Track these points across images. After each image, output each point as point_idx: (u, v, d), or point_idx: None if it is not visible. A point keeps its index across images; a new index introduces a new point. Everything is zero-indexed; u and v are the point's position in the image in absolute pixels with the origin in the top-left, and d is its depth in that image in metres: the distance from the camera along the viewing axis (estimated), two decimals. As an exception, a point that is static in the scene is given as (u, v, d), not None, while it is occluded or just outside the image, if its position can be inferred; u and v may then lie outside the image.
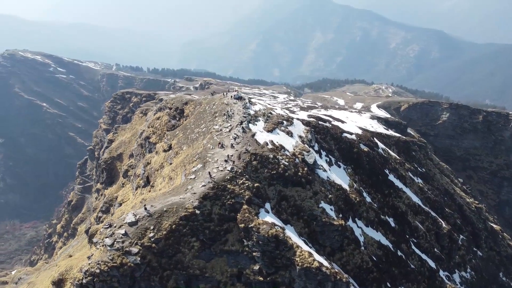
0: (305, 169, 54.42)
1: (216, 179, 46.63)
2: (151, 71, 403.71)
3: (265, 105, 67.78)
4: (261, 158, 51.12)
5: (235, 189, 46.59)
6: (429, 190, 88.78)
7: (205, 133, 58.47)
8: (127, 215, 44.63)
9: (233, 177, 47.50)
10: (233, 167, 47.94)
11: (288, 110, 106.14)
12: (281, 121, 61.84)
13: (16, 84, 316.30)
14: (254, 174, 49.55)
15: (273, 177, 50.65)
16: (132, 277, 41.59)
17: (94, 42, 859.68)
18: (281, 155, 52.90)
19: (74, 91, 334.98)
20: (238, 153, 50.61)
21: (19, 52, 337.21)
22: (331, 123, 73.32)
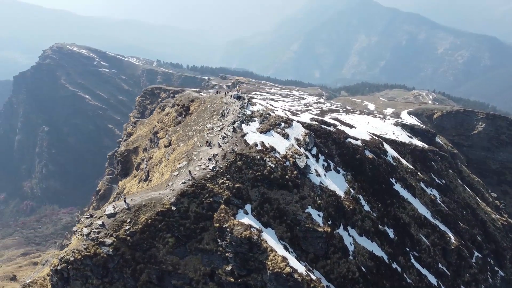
0: (295, 172, 53.62)
1: (196, 177, 46.97)
2: (190, 68, 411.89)
3: (266, 105, 67.33)
4: (246, 158, 50.92)
5: (214, 188, 46.73)
6: (444, 203, 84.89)
7: (200, 131, 59.02)
8: (107, 207, 45.87)
9: (214, 176, 47.64)
10: (215, 166, 48.08)
11: (302, 112, 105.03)
12: (278, 122, 61.24)
13: (62, 76, 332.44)
14: (237, 175, 49.43)
15: (257, 179, 50.29)
16: (105, 267, 42.69)
17: (141, 38, 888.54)
18: (269, 157, 52.41)
19: (115, 85, 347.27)
20: (224, 152, 50.67)
21: (67, 45, 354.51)
22: (336, 128, 71.67)
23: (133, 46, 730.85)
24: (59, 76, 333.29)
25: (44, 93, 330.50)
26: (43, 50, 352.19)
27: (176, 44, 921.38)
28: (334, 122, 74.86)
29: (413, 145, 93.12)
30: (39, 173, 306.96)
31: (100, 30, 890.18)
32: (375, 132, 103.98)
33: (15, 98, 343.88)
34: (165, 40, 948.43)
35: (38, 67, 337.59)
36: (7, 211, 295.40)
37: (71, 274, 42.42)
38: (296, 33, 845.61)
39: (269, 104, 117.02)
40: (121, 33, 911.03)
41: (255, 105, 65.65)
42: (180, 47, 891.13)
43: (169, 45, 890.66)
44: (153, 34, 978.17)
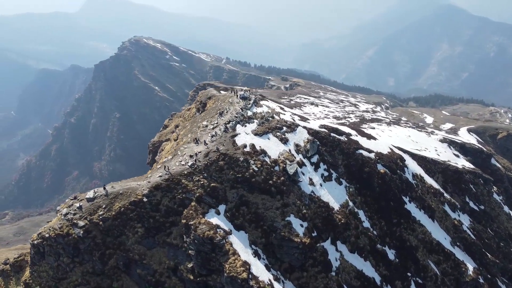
0: (282, 178, 52.45)
1: (173, 172, 47.84)
2: (257, 68, 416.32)
3: (274, 108, 66.29)
4: (229, 159, 50.79)
5: (188, 185, 47.31)
6: (473, 230, 77.84)
7: (198, 127, 59.87)
8: (89, 191, 48.40)
9: (191, 173, 48.20)
10: (194, 164, 48.60)
11: (339, 119, 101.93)
12: (280, 126, 60.17)
13: (136, 67, 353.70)
14: (217, 174, 49.49)
15: (238, 180, 49.95)
16: (76, 247, 45.15)
17: (217, 35, 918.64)
18: (255, 159, 51.78)
19: (183, 79, 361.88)
20: (208, 151, 50.99)
21: (144, 39, 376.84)
22: (348, 137, 68.48)
23: (208, 43, 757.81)
24: (133, 67, 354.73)
25: (119, 82, 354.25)
26: (122, 42, 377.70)
27: (250, 44, 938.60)
28: (350, 132, 71.67)
29: (447, 164, 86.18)
30: (108, 155, 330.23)
31: (179, 26, 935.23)
32: (411, 146, 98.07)
33: (94, 85, 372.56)
34: (239, 39, 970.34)
35: (116, 58, 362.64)
36: (77, 188, 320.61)
37: (46, 249, 45.45)
38: (373, 38, 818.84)
39: (300, 109, 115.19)
40: (198, 29, 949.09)
41: (261, 106, 65.01)
42: (253, 47, 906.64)
43: (242, 44, 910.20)
44: (228, 33, 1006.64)
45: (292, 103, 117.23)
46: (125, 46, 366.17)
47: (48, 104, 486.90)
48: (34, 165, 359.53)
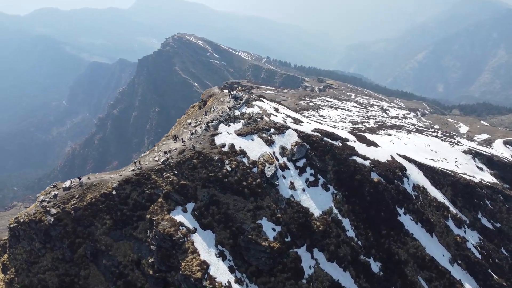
0: (258, 180, 51.85)
1: (144, 167, 48.58)
2: (297, 68, 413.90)
3: (266, 109, 65.46)
4: (204, 158, 50.86)
5: (158, 181, 47.90)
6: (482, 249, 73.31)
7: (183, 125, 60.37)
8: (67, 181, 50.21)
9: (162, 169, 48.74)
10: (166, 160, 49.08)
11: (356, 123, 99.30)
12: (267, 128, 59.39)
13: (177, 63, 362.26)
14: (189, 172, 49.72)
15: (210, 180, 49.91)
16: (47, 234, 47.06)
17: (262, 34, 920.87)
18: (230, 160, 51.51)
19: (222, 76, 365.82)
20: (183, 148, 51.32)
21: (186, 35, 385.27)
22: (344, 143, 66.27)
23: (254, 41, 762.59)
24: (174, 63, 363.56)
25: (161, 77, 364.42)
26: (166, 38, 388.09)
27: (295, 44, 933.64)
28: (347, 137, 69.36)
29: (458, 177, 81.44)
30: (146, 148, 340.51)
31: (228, 24, 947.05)
32: (427, 156, 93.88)
33: (137, 79, 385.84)
34: (286, 38, 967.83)
35: (159, 53, 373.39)
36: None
37: (21, 233, 47.70)
38: (423, 42, 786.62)
39: (316, 111, 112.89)
40: (246, 28, 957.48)
41: (252, 107, 64.38)
42: (298, 47, 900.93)
43: (288, 43, 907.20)
44: (275, 32, 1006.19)
45: (310, 105, 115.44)
46: (168, 42, 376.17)
47: (96, 95, 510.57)
48: (78, 153, 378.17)
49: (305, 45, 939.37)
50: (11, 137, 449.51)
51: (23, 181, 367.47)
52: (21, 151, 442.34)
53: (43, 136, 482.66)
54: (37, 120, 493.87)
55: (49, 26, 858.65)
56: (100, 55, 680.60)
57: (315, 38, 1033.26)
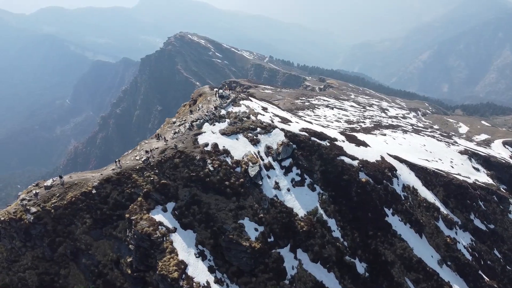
0: (241, 180, 51.52)
1: (125, 166, 48.41)
2: (300, 67, 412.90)
3: (253, 108, 65.07)
4: (186, 157, 50.61)
5: (138, 180, 47.72)
6: (473, 250, 72.64)
7: (171, 124, 60.16)
8: (49, 180, 50.14)
9: (142, 168, 48.55)
10: (147, 159, 48.88)
11: (351, 123, 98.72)
12: (253, 127, 59.01)
13: (180, 62, 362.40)
14: (170, 171, 49.48)
15: (191, 179, 49.65)
16: (27, 233, 46.96)
17: (268, 34, 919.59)
18: (213, 159, 51.20)
19: (224, 75, 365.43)
20: (165, 147, 51.11)
21: (188, 35, 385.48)
22: (332, 143, 65.71)
23: (258, 41, 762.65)
24: (177, 62, 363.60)
25: (163, 75, 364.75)
26: (168, 37, 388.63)
27: (300, 43, 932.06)
28: (336, 137, 68.83)
29: (451, 177, 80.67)
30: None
31: (231, 23, 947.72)
32: (421, 156, 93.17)
33: (139, 78, 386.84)
34: (289, 37, 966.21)
35: (161, 52, 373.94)
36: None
37: (1, 232, 47.63)
38: (429, 41, 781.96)
39: (312, 111, 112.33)
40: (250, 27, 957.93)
41: (239, 106, 63.99)
42: (302, 46, 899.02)
43: (291, 42, 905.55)
44: (277, 31, 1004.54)
45: (306, 105, 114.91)
46: (170, 41, 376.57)
47: (100, 94, 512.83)
48: (80, 152, 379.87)
49: (309, 44, 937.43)
50: (15, 135, 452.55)
51: (26, 179, 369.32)
52: (25, 149, 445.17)
53: (47, 134, 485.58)
54: (41, 118, 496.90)
55: (54, 25, 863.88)
56: (104, 54, 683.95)
57: (319, 37, 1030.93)
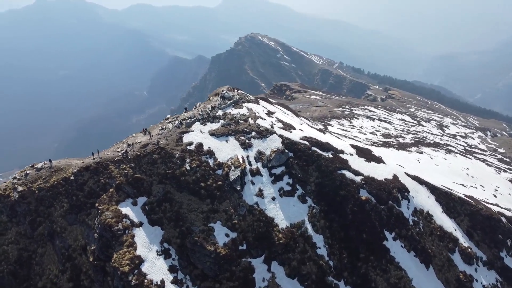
0: (219, 183, 50.52)
1: (104, 157, 49.71)
2: (370, 76, 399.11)
3: (255, 111, 63.28)
4: (165, 154, 50.72)
5: (114, 171, 48.72)
6: (495, 292, 64.67)
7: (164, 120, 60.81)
8: (40, 162, 53.17)
9: (120, 161, 49.50)
10: (126, 152, 49.74)
11: (392, 137, 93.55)
12: (248, 131, 57.53)
13: (248, 62, 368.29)
14: (148, 166, 49.88)
15: (167, 176, 49.62)
16: (13, 209, 50.34)
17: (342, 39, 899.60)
18: (192, 159, 50.75)
19: (290, 79, 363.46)
20: (148, 142, 51.66)
21: (259, 36, 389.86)
22: (335, 155, 61.76)
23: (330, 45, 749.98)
24: (245, 62, 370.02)
25: (230, 74, 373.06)
26: (239, 37, 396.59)
27: (375, 50, 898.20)
28: (344, 149, 64.59)
29: (480, 207, 72.22)
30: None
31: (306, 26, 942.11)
32: (456, 180, 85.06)
33: (208, 75, 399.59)
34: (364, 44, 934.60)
35: (231, 52, 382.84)
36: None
37: (-8, 205, 51.40)
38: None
39: (348, 120, 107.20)
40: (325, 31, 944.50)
41: (240, 108, 62.55)
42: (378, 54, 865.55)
43: (366, 49, 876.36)
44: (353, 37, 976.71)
45: (345, 114, 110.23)
46: (240, 41, 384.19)
47: (173, 88, 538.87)
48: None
49: (386, 53, 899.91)
50: (95, 122, 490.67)
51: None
52: (102, 136, 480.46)
53: (123, 122, 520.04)
54: (119, 107, 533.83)
55: (141, 20, 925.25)
56: (182, 51, 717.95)
57: (398, 45, 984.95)
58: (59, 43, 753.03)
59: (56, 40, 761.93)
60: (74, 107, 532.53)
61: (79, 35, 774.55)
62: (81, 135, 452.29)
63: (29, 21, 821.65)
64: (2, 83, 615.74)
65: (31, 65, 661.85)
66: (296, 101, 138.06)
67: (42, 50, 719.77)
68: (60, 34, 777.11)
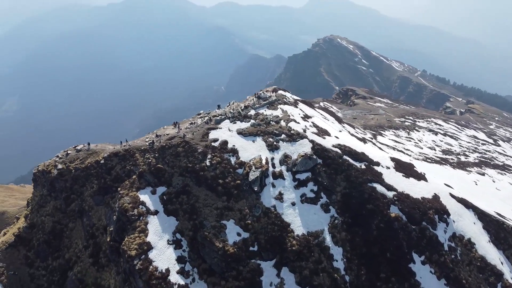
0: (237, 181, 50.84)
1: (132, 145, 52.46)
2: (456, 87, 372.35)
3: (290, 113, 62.16)
4: (189, 147, 52.11)
5: (139, 159, 51.24)
6: None
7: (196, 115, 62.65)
8: (82, 144, 57.65)
9: (146, 150, 51.91)
10: (153, 142, 51.99)
11: (451, 154, 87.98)
12: (277, 133, 56.90)
13: (323, 64, 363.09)
14: (171, 158, 51.66)
15: (188, 170, 50.96)
16: (52, 185, 55.34)
17: (431, 46, 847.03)
18: (214, 155, 51.55)
19: (366, 84, 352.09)
20: (175, 135, 53.47)
21: (338, 38, 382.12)
22: (369, 166, 58.60)
23: (415, 52, 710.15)
24: (320, 64, 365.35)
25: (305, 75, 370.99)
26: (317, 39, 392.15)
27: (467, 60, 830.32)
28: (380, 161, 60.95)
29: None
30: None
31: (392, 31, 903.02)
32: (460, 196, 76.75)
33: (283, 75, 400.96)
34: (456, 53, 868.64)
35: (308, 53, 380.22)
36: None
37: (37, 179, 56.92)
38: None
39: (407, 131, 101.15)
40: (412, 37, 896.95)
41: (275, 109, 61.76)
42: (470, 63, 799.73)
43: (456, 58, 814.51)
44: (444, 44, 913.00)
45: (405, 125, 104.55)
46: (318, 43, 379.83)
47: (249, 85, 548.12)
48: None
49: (478, 62, 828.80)
50: (173, 113, 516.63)
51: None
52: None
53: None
54: (197, 101, 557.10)
55: (226, 18, 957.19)
56: (262, 49, 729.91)
57: (493, 55, 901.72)
58: (147, 35, 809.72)
59: (145, 33, 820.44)
60: (154, 97, 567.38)
61: (167, 29, 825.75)
62: (158, 124, 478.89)
63: (124, 15, 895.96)
64: (98, 70, 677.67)
65: (122, 54, 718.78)
66: (356, 107, 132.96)
67: (132, 41, 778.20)
68: (149, 28, 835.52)
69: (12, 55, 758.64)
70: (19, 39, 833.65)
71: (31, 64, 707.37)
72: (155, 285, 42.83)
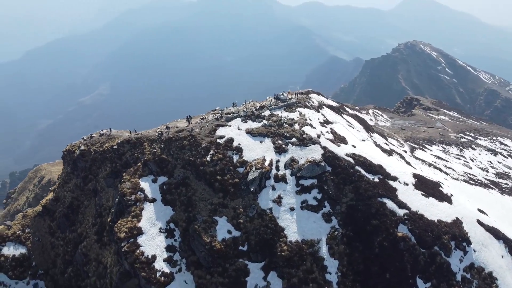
0: (236, 180, 51.13)
1: (144, 134, 55.04)
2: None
3: (307, 117, 60.29)
4: (194, 142, 53.32)
5: (146, 148, 53.68)
6: None
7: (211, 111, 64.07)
8: (105, 129, 61.75)
9: (154, 140, 54.21)
10: (161, 134, 54.12)
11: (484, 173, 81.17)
12: (289, 136, 55.86)
13: (402, 71, 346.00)
14: (176, 150, 53.31)
15: (189, 163, 52.25)
16: (75, 164, 60.11)
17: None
18: (216, 151, 52.21)
19: (447, 95, 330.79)
20: (184, 128, 54.99)
21: (420, 44, 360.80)
22: (383, 181, 54.88)
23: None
24: (399, 70, 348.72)
25: (380, 81, 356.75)
26: (398, 44, 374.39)
27: None
28: (399, 176, 56.84)
29: None
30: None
31: (491, 39, 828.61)
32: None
33: (358, 79, 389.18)
34: None
35: (386, 57, 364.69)
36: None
37: (65, 157, 62.13)
38: None
39: (459, 148, 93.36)
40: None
41: (292, 112, 60.35)
42: None
43: None
44: None
45: (460, 141, 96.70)
46: (398, 48, 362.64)
47: (325, 86, 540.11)
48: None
49: None
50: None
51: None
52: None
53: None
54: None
55: (310, 18, 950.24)
56: (343, 51, 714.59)
57: None
58: (231, 31, 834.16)
59: (229, 29, 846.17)
60: (231, 92, 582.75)
61: (251, 26, 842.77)
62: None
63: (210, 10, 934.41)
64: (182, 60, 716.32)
65: (205, 47, 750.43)
66: (412, 118, 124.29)
67: (215, 37, 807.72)
68: (234, 24, 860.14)
69: (107, 46, 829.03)
70: (114, 31, 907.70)
71: (123, 54, 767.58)
72: (138, 268, 44.67)
